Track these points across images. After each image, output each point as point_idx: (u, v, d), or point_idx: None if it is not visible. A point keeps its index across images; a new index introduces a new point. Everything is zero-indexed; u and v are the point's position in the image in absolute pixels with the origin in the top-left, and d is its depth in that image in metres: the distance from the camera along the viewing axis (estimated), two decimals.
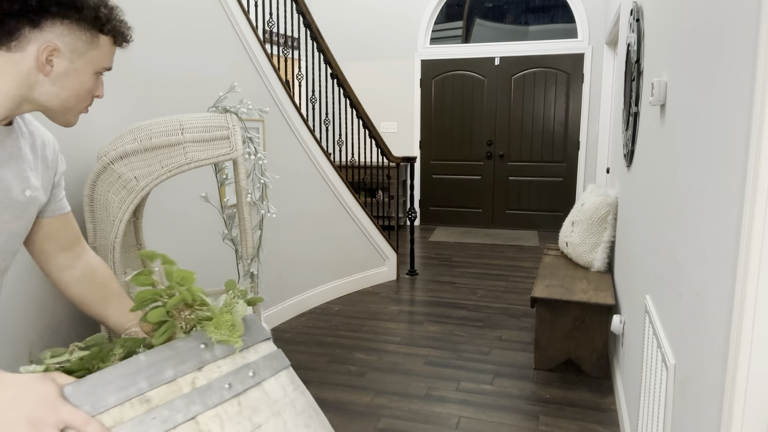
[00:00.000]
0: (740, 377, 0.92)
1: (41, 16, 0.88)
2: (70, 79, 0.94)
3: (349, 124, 5.93)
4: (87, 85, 0.96)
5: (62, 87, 0.94)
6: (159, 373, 0.72)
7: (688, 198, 1.34)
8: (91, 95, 0.99)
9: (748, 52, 0.94)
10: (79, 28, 0.92)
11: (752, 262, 0.90)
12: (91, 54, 0.95)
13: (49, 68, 0.91)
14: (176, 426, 0.69)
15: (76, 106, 0.97)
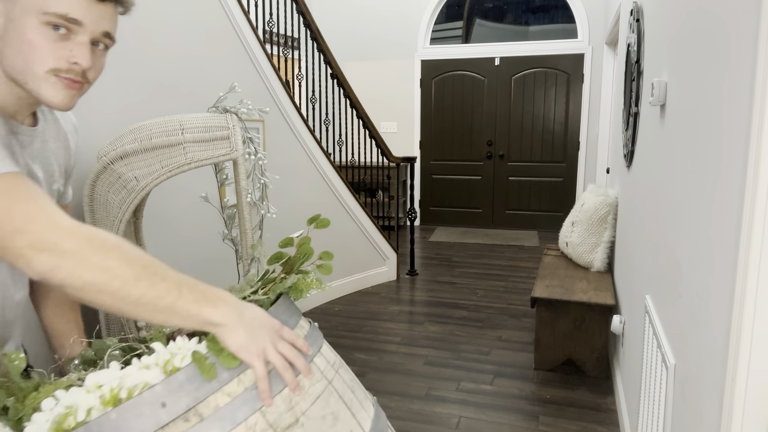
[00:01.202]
0: (740, 377, 0.92)
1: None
2: (9, 32, 0.79)
3: (349, 124, 5.93)
4: (28, 36, 0.78)
5: (7, 43, 0.80)
6: None
7: (688, 198, 1.34)
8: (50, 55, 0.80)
9: (748, 52, 0.94)
10: None
11: (752, 262, 0.90)
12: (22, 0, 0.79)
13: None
14: None
15: (31, 68, 0.80)
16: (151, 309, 0.72)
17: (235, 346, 0.74)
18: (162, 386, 0.68)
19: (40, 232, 0.71)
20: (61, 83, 0.82)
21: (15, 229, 0.70)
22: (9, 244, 0.71)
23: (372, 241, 4.44)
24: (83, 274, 0.70)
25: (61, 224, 0.72)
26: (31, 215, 0.72)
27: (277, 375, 0.77)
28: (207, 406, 0.69)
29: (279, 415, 0.73)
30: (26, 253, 0.70)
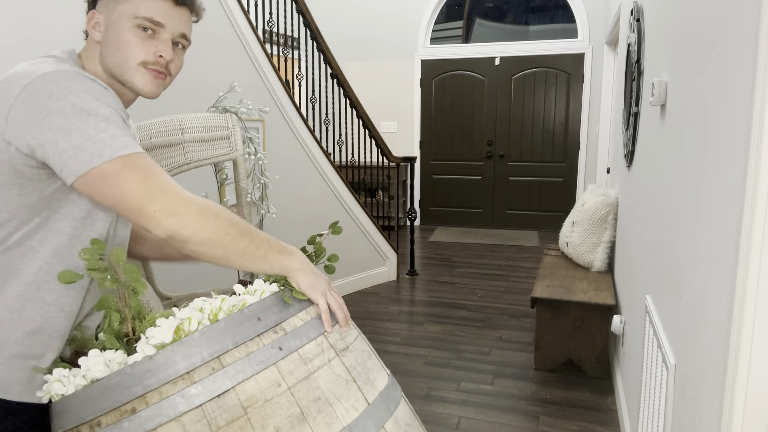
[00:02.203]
0: (740, 377, 0.92)
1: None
2: (110, 34, 1.00)
3: (349, 124, 5.92)
4: (125, 36, 0.99)
5: (107, 43, 1.01)
6: None
7: (689, 198, 1.34)
8: (141, 50, 1.00)
9: (748, 52, 0.94)
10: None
11: (752, 262, 0.89)
12: (121, 7, 0.99)
13: (97, 33, 1.01)
14: None
15: (126, 61, 1.00)
16: (250, 258, 0.95)
17: (306, 285, 0.99)
18: (256, 305, 0.91)
19: (170, 199, 0.89)
20: (149, 74, 1.02)
21: (151, 196, 0.88)
22: (145, 208, 0.88)
23: (372, 241, 4.44)
24: (203, 232, 0.90)
25: (184, 195, 0.91)
26: (162, 186, 0.90)
27: None
28: (288, 325, 0.93)
29: (335, 340, 0.98)
30: (158, 216, 0.88)
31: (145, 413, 0.80)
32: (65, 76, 0.90)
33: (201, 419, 0.81)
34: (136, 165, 0.89)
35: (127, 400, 0.81)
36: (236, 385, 0.83)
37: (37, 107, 0.87)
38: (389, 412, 0.97)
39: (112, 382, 0.82)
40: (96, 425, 0.82)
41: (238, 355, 0.85)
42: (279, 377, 0.87)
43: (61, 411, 0.86)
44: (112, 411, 0.82)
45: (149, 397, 0.81)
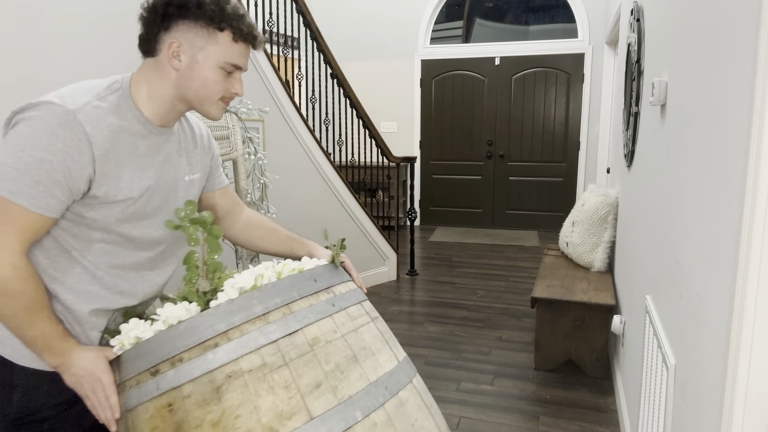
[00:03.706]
0: (741, 377, 0.92)
1: (168, 19, 1.06)
2: (195, 71, 1.09)
3: (349, 124, 5.92)
4: (212, 76, 1.10)
5: (191, 78, 1.09)
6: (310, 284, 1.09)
7: (689, 198, 1.34)
8: (221, 89, 1.12)
9: (748, 51, 0.94)
10: (196, 25, 1.07)
11: (752, 262, 0.89)
12: (211, 49, 1.08)
13: (177, 62, 1.08)
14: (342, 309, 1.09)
15: (208, 97, 1.12)
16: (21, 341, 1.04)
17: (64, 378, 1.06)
18: (311, 270, 1.07)
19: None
20: (221, 104, 1.15)
21: None
22: None
23: (372, 241, 4.44)
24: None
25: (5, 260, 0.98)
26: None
27: None
28: (337, 288, 1.10)
29: (369, 309, 1.15)
30: None
31: (228, 346, 0.93)
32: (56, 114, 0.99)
33: (276, 352, 0.95)
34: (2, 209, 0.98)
35: (210, 336, 0.94)
36: (303, 327, 0.99)
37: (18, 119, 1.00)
38: (414, 372, 1.14)
39: (197, 322, 0.95)
40: (178, 361, 0.93)
41: (302, 304, 1.02)
42: (335, 326, 1.04)
43: (136, 355, 0.97)
44: (195, 347, 0.93)
45: (231, 334, 0.94)
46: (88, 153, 1.01)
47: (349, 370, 1.00)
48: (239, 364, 0.93)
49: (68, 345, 1.05)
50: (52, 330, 1.04)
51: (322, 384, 0.95)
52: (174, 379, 0.93)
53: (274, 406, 0.91)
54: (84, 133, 1.00)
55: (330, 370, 0.97)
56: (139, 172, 1.10)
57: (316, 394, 0.94)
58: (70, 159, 0.99)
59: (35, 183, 0.98)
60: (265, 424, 0.90)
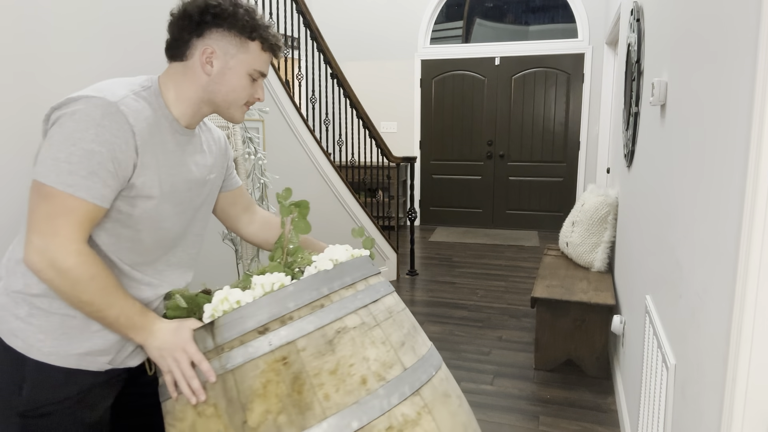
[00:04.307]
0: (740, 377, 0.92)
1: (202, 26, 1.13)
2: (226, 77, 1.16)
3: (349, 124, 5.92)
4: (241, 82, 1.17)
5: (221, 83, 1.16)
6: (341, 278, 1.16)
7: (689, 198, 1.34)
8: (247, 94, 1.19)
9: (748, 51, 0.94)
10: (230, 33, 1.14)
11: (752, 262, 0.89)
12: (242, 56, 1.16)
13: (209, 68, 1.14)
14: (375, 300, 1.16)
15: (236, 102, 1.19)
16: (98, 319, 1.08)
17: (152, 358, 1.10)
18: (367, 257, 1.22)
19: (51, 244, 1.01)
20: (245, 109, 1.23)
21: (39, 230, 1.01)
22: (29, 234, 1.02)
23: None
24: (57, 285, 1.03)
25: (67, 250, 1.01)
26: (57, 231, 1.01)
27: None
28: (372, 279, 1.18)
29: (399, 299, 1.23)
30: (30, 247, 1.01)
31: (332, 307, 1.07)
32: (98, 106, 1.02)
33: (368, 314, 1.11)
34: (60, 202, 1.01)
35: (317, 298, 1.07)
36: (381, 297, 1.15)
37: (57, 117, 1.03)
38: None
39: (304, 285, 1.07)
40: (288, 319, 1.04)
41: (373, 281, 1.18)
42: (395, 301, 1.20)
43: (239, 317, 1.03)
44: (304, 306, 1.05)
45: (333, 297, 1.09)
46: (132, 143, 1.05)
47: (416, 335, 1.17)
48: (344, 322, 1.07)
49: (149, 319, 1.10)
50: (131, 307, 1.08)
51: (405, 343, 1.12)
52: (287, 336, 1.02)
53: (378, 356, 1.07)
54: (127, 123, 1.04)
55: (406, 333, 1.14)
56: (167, 168, 1.14)
57: (403, 350, 1.10)
58: (118, 149, 1.03)
59: (90, 175, 1.01)
60: (374, 372, 1.04)
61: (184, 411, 1.06)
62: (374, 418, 1.00)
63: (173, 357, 1.06)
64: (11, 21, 1.56)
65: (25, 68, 1.60)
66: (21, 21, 1.60)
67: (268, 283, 1.07)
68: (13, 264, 1.12)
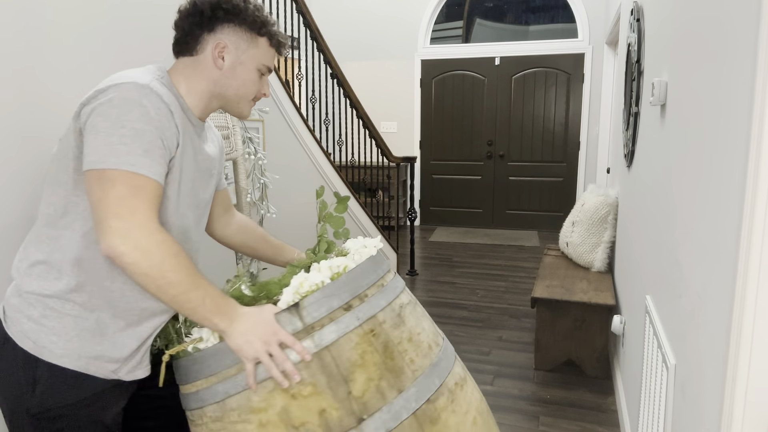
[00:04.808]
0: (740, 378, 0.92)
1: (214, 21, 1.15)
2: (237, 71, 1.18)
3: (349, 124, 5.92)
4: (251, 77, 1.20)
5: (233, 78, 1.18)
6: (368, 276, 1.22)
7: (689, 198, 1.34)
8: (256, 89, 1.22)
9: (748, 52, 0.94)
10: (241, 29, 1.17)
11: (752, 262, 0.89)
12: (252, 51, 1.19)
13: (221, 62, 1.16)
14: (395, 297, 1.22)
15: (246, 96, 1.22)
16: (179, 307, 1.04)
17: (234, 347, 1.06)
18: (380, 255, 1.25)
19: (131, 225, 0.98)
20: (252, 104, 1.25)
21: (116, 213, 0.97)
22: (105, 220, 0.98)
23: None
24: (141, 267, 0.98)
25: (149, 228, 0.99)
26: (134, 210, 0.98)
27: None
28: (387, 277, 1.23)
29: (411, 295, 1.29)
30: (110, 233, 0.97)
31: (389, 285, 1.20)
32: (132, 89, 1.02)
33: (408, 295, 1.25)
34: (129, 182, 0.98)
35: (381, 276, 1.19)
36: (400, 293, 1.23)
37: (95, 107, 1.02)
38: None
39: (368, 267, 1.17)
40: (364, 296, 1.13)
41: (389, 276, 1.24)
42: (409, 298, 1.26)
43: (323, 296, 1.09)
44: (374, 285, 1.16)
45: (386, 277, 1.21)
46: (173, 120, 1.07)
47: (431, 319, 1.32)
48: (401, 298, 1.20)
49: (231, 303, 1.08)
50: (213, 289, 1.06)
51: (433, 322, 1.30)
52: (369, 310, 1.12)
53: (429, 327, 1.23)
54: (163, 102, 1.06)
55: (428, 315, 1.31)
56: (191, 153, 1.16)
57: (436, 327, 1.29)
58: (164, 126, 1.04)
59: (145, 153, 1.01)
60: (432, 340, 1.21)
61: (269, 399, 1.04)
62: (445, 377, 1.17)
63: (263, 341, 1.04)
64: (10, 16, 1.56)
65: (25, 64, 1.60)
66: (19, 15, 1.60)
67: (335, 266, 1.14)
68: (26, 265, 1.10)
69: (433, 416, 1.12)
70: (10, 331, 1.09)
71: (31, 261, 1.10)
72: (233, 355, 1.06)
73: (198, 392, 1.10)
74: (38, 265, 1.09)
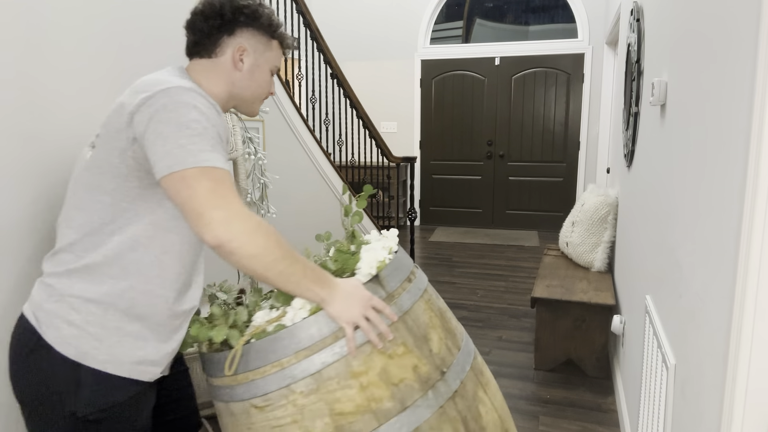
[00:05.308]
0: (740, 378, 0.92)
1: (234, 25, 1.20)
2: (256, 73, 1.25)
3: (349, 124, 5.92)
4: (266, 78, 1.27)
5: (251, 79, 1.25)
6: None
7: (689, 198, 1.34)
8: (269, 89, 1.30)
9: (748, 51, 0.94)
10: (258, 32, 1.23)
11: (752, 262, 0.89)
12: (267, 54, 1.26)
13: (241, 64, 1.22)
14: None
15: (260, 96, 1.29)
16: (285, 281, 1.07)
17: (333, 314, 1.11)
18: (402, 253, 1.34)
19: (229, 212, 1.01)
20: (262, 102, 1.32)
21: (214, 204, 1.00)
22: (205, 213, 1.00)
23: None
24: (249, 248, 1.01)
25: (243, 211, 1.03)
26: (227, 199, 1.02)
27: None
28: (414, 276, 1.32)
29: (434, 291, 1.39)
30: (213, 224, 0.99)
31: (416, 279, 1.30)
32: (181, 92, 1.06)
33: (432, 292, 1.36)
34: (211, 176, 1.02)
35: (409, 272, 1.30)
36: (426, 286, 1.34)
37: (152, 113, 1.04)
38: None
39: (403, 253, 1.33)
40: (412, 276, 1.30)
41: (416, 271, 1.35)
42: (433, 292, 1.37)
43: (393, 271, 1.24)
44: (414, 268, 1.34)
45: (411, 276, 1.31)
46: (222, 118, 1.12)
47: None
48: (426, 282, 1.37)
49: (327, 274, 1.14)
50: (307, 260, 1.12)
51: None
52: (420, 284, 1.30)
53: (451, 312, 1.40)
54: (210, 102, 1.10)
55: None
56: None
57: None
58: (217, 122, 1.09)
59: (212, 148, 1.05)
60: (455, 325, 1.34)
61: (368, 362, 1.13)
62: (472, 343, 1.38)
63: (363, 306, 1.11)
64: (11, 17, 1.56)
65: (25, 64, 1.60)
66: (20, 16, 1.60)
67: (387, 247, 1.29)
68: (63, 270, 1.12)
69: (480, 369, 1.34)
70: (46, 336, 1.09)
71: (71, 266, 1.11)
72: (330, 324, 1.12)
73: (282, 371, 1.11)
74: (81, 270, 1.10)
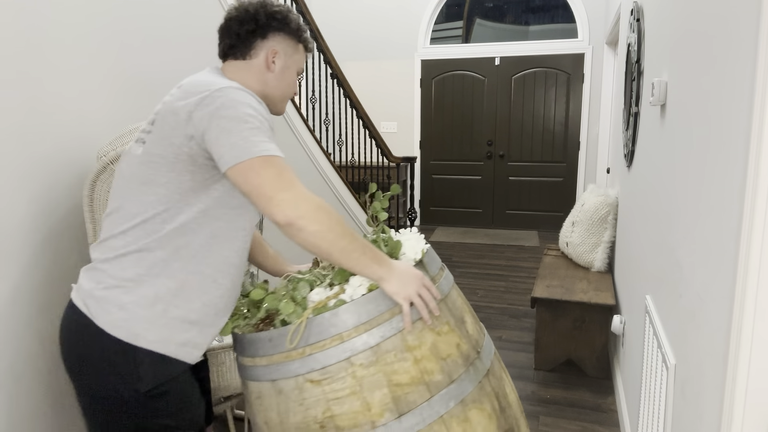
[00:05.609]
0: (740, 378, 0.92)
1: (267, 29, 1.31)
2: (286, 74, 1.35)
3: (349, 124, 5.92)
4: (293, 79, 1.38)
5: (281, 80, 1.35)
6: None
7: (689, 198, 1.34)
8: (294, 89, 1.39)
9: (748, 51, 0.94)
10: (288, 36, 1.34)
11: (752, 262, 0.89)
12: (295, 57, 1.37)
13: (273, 66, 1.32)
14: None
15: (288, 95, 1.38)
16: (347, 257, 1.14)
17: (390, 291, 1.18)
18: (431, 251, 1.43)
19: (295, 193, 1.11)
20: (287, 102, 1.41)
21: (282, 188, 1.10)
22: (275, 196, 1.10)
23: None
24: (316, 224, 1.10)
25: (306, 192, 1.12)
26: (292, 182, 1.12)
27: None
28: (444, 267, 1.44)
29: None
30: (283, 204, 1.09)
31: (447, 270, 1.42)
32: (234, 92, 1.16)
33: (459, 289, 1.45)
34: (274, 163, 1.12)
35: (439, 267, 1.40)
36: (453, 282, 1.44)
37: (213, 111, 1.13)
38: None
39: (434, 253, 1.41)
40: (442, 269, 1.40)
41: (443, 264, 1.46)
42: None
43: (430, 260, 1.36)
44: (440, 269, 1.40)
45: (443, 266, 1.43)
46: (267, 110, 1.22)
47: None
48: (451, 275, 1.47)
49: (383, 253, 1.22)
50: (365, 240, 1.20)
51: None
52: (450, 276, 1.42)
53: None
54: (258, 100, 1.20)
55: None
56: None
57: None
58: (267, 117, 1.19)
59: (270, 139, 1.16)
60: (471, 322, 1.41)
61: (421, 337, 1.21)
62: None
63: (418, 283, 1.20)
64: (11, 16, 1.56)
65: (26, 64, 1.60)
66: (21, 15, 1.60)
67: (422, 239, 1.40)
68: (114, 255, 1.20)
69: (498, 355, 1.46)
70: (98, 321, 1.17)
71: (122, 251, 1.20)
72: (387, 300, 1.19)
73: (343, 344, 1.18)
74: (132, 253, 1.19)
